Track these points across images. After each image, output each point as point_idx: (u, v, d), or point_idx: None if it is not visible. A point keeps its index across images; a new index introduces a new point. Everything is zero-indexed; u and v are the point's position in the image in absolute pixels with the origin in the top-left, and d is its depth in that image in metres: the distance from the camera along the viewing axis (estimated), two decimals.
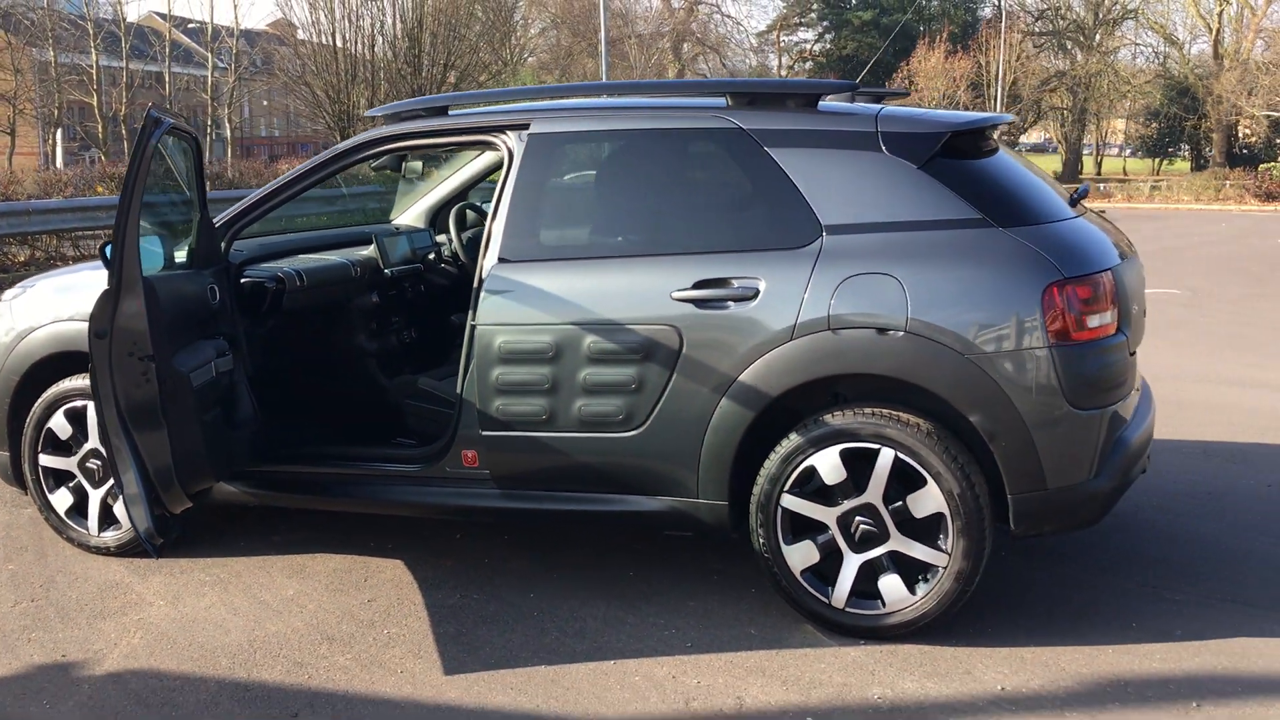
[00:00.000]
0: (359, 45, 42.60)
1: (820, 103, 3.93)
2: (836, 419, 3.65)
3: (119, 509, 4.42)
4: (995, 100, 43.38)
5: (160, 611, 4.02)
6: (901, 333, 3.53)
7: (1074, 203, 4.08)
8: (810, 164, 3.76)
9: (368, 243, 5.07)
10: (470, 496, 4.11)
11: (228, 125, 46.36)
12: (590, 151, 4.11)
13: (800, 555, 3.74)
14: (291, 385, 4.65)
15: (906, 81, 43.08)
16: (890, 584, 3.66)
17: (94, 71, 41.23)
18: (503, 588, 4.18)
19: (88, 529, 4.51)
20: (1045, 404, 3.49)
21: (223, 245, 4.32)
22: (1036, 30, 53.90)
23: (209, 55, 44.05)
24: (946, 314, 3.52)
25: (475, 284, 3.99)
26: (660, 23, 55.22)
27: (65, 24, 41.62)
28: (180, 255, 4.16)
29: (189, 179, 4.11)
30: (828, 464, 3.66)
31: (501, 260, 3.96)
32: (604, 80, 32.74)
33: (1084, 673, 3.47)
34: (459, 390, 4.02)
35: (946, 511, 3.56)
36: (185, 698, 3.42)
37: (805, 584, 3.75)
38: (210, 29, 43.86)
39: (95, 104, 41.37)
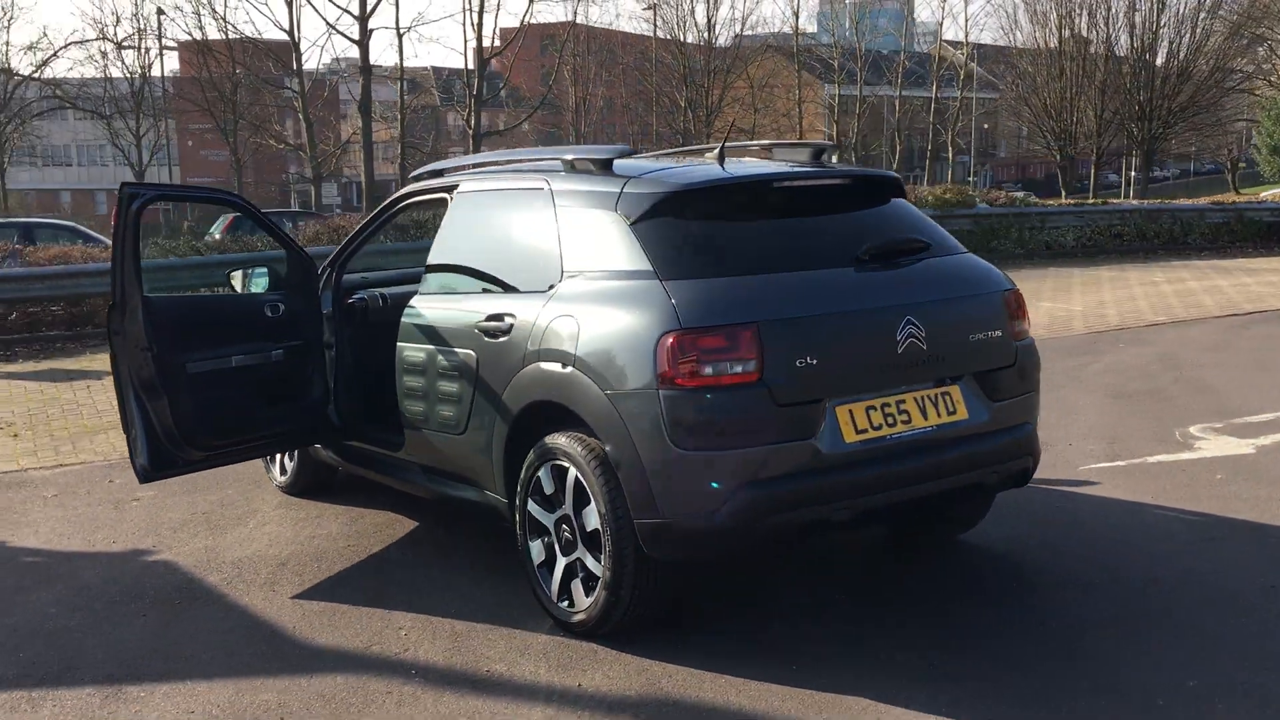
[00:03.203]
0: (1087, 56, 41.68)
1: (617, 163, 4.49)
2: (550, 439, 4.24)
3: (285, 460, 6.26)
4: None
5: (278, 531, 5.68)
6: (570, 368, 4.07)
7: (867, 257, 4.18)
8: (575, 219, 4.39)
9: None
10: (420, 479, 5.22)
11: (950, 150, 47.87)
12: (484, 205, 5.00)
13: (535, 551, 4.39)
14: (380, 380, 6.08)
15: None
16: (576, 587, 4.20)
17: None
18: (466, 559, 5.16)
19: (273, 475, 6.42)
20: (653, 442, 3.81)
21: (331, 275, 5.86)
22: None
23: (960, 68, 45.83)
24: (597, 354, 4.00)
25: None
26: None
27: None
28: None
29: (271, 233, 5.71)
30: (545, 476, 4.28)
31: (418, 293, 5.07)
32: None
33: (678, 692, 3.79)
34: None
35: (600, 528, 4.02)
36: (209, 572, 5.11)
37: (539, 577, 4.39)
38: (937, 50, 45.82)
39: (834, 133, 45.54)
